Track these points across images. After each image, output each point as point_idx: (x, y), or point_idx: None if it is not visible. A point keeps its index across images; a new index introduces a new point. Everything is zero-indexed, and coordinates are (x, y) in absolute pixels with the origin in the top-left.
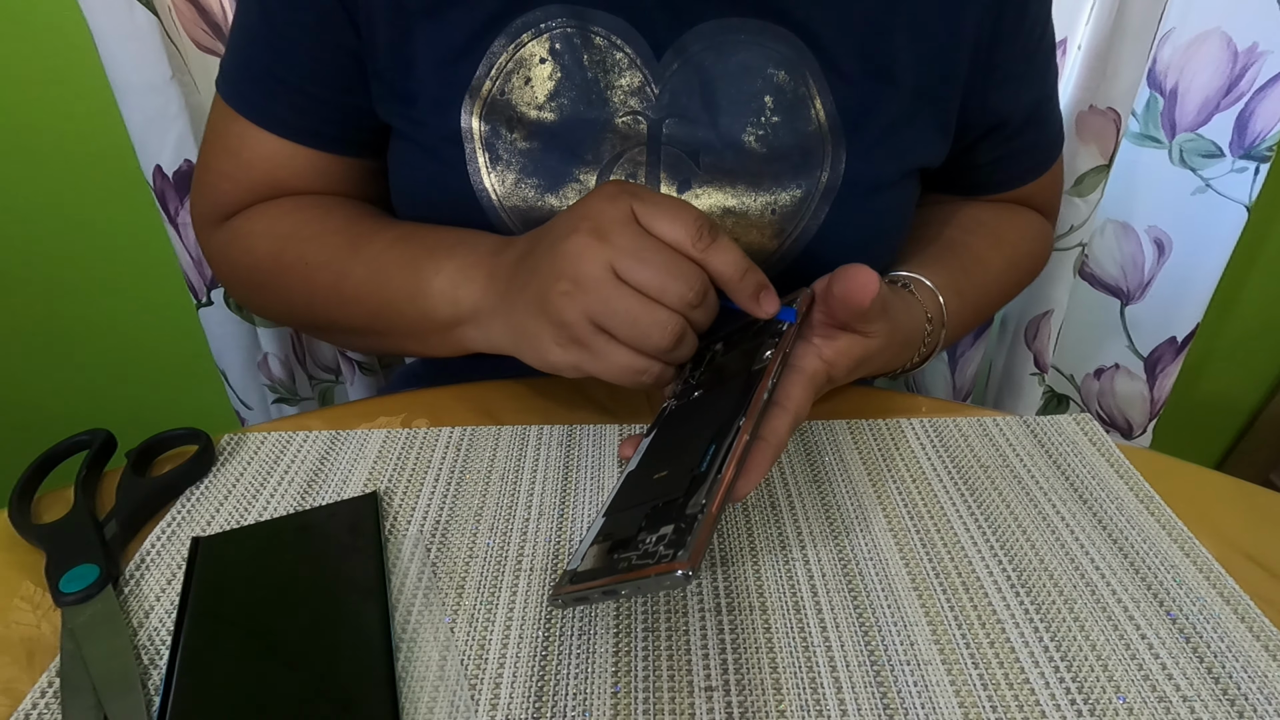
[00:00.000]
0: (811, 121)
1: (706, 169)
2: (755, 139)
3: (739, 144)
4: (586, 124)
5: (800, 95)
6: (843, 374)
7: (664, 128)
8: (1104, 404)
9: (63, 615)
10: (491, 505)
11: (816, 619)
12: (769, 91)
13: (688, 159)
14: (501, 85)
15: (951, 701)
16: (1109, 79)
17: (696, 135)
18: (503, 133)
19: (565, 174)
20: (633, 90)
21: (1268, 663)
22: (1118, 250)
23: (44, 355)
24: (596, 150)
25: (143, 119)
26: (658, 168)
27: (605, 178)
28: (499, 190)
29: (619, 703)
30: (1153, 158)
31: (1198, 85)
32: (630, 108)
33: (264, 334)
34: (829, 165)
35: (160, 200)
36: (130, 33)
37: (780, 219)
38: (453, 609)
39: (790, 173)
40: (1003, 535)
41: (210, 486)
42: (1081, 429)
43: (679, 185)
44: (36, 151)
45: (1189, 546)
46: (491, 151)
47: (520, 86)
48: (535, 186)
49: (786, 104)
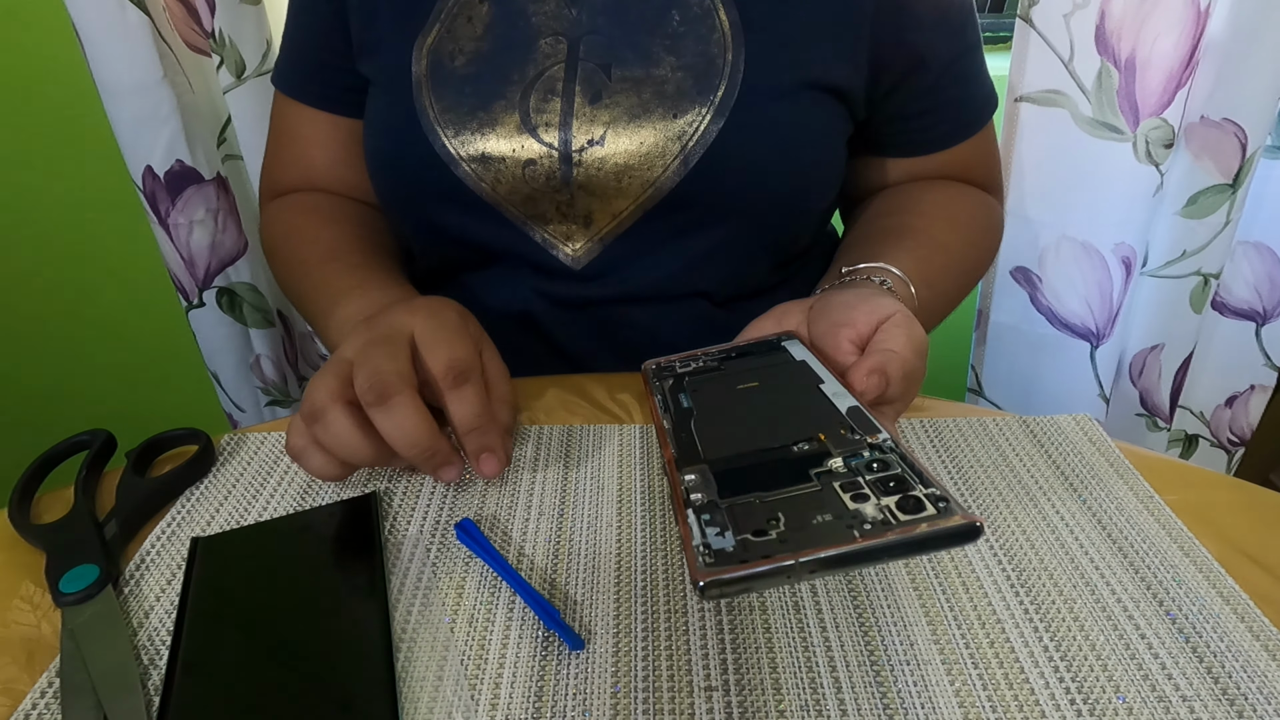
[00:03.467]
0: (715, 29)
1: (617, 80)
2: (663, 49)
3: (648, 55)
4: (514, 47)
5: (706, 7)
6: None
7: (581, 45)
8: (1235, 428)
9: (63, 615)
10: (491, 505)
11: (816, 619)
12: (675, 6)
13: (601, 73)
14: (449, 25)
15: (951, 701)
16: (1223, 87)
17: (610, 50)
18: (444, 63)
19: (494, 93)
20: (554, 14)
21: (1267, 663)
22: (1249, 272)
23: (44, 355)
24: (522, 70)
25: (132, 119)
26: (574, 82)
27: (529, 94)
28: (436, 109)
29: (619, 703)
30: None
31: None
32: (551, 29)
33: (256, 335)
34: (728, 73)
35: (150, 201)
36: (121, 33)
37: (682, 125)
38: (453, 609)
39: (693, 79)
40: (1002, 535)
41: (210, 487)
42: (1081, 429)
43: (591, 97)
44: (27, 153)
45: (1189, 546)
46: (434, 79)
47: (464, 25)
48: (469, 105)
49: (693, 15)
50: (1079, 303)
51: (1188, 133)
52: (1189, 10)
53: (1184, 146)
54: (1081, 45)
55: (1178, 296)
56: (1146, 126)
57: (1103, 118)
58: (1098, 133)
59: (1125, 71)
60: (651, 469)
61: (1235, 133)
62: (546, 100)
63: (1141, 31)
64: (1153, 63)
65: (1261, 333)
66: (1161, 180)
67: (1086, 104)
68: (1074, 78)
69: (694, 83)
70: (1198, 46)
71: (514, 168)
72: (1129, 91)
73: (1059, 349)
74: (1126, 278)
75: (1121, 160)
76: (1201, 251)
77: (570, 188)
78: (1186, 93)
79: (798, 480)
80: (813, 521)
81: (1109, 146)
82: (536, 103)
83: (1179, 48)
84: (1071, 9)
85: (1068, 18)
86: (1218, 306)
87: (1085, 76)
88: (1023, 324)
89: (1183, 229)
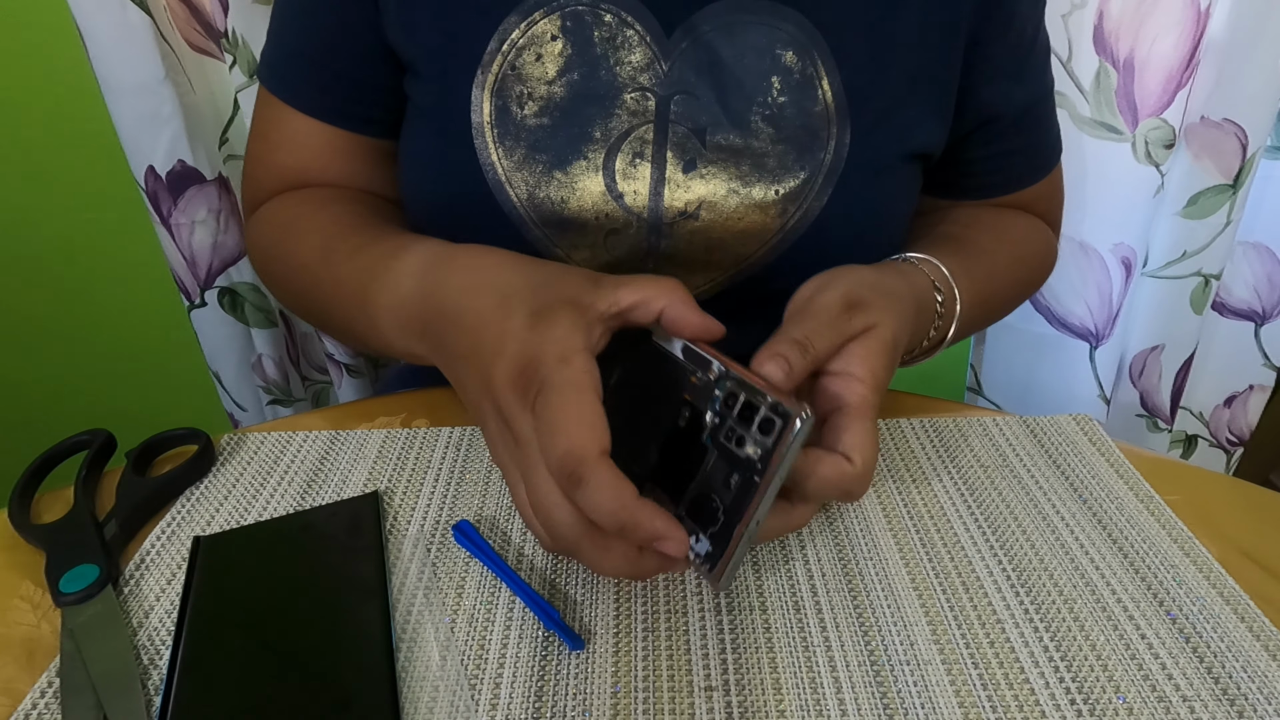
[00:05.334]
0: (818, 102)
1: (712, 149)
2: (762, 119)
3: (746, 124)
4: (595, 100)
5: (808, 76)
6: (885, 372)
7: (672, 105)
8: (1234, 428)
9: (63, 615)
10: (491, 505)
11: (816, 619)
12: (777, 72)
13: (694, 138)
14: (513, 60)
15: (951, 701)
16: (1223, 87)
17: (704, 114)
18: (512, 109)
19: (573, 151)
20: (641, 67)
21: (1268, 663)
22: (1249, 272)
23: (45, 355)
24: (605, 127)
25: (134, 119)
26: (664, 146)
27: (614, 155)
28: (505, 165)
29: (619, 703)
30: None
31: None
32: (639, 84)
33: (258, 335)
34: (833, 147)
35: (152, 201)
36: (123, 33)
37: (784, 200)
38: (453, 609)
39: (795, 153)
40: (1003, 535)
41: (210, 486)
42: (1081, 429)
43: (684, 165)
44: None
45: (1189, 546)
46: (500, 128)
47: (531, 63)
48: (543, 163)
49: (794, 84)
50: (1078, 303)
51: (1188, 133)
52: (1188, 11)
53: (1184, 147)
54: (1080, 45)
55: (1178, 297)
56: (1146, 127)
57: (1101, 118)
58: (1096, 133)
59: (1124, 72)
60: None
61: (1236, 133)
62: (634, 165)
63: (1140, 32)
64: (1151, 63)
65: (1260, 333)
66: (1162, 181)
67: (1085, 104)
68: (1072, 78)
69: (796, 158)
70: (1198, 47)
71: (595, 235)
72: (1127, 92)
73: (1058, 349)
74: (1126, 278)
75: (1120, 160)
76: (1202, 252)
77: (655, 257)
78: (1187, 93)
79: (701, 455)
80: (731, 486)
81: (1108, 147)
82: (623, 166)
83: (1178, 48)
84: (1070, 9)
85: (1065, 18)
86: (1217, 307)
87: (1084, 76)
88: (1021, 323)
89: (1183, 229)
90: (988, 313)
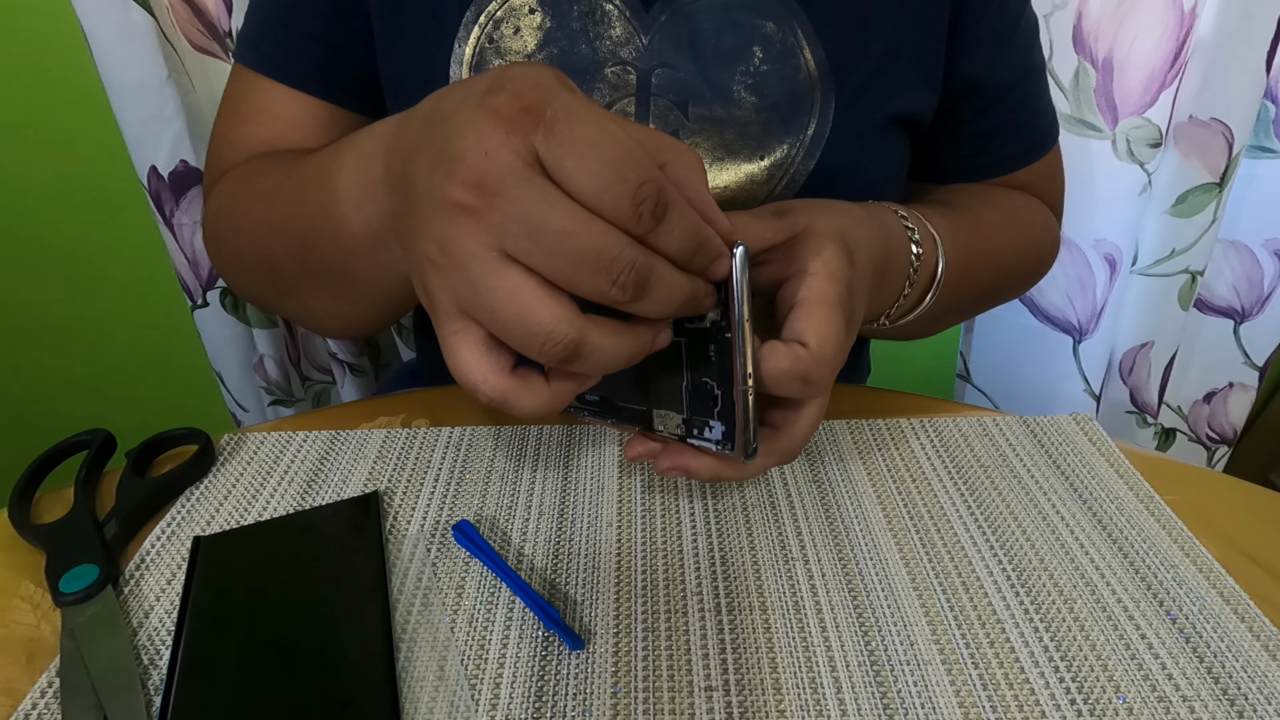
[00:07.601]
0: (801, 70)
1: (695, 120)
2: (745, 88)
3: (728, 94)
4: (575, 74)
5: (789, 45)
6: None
7: (653, 78)
8: (1214, 425)
9: (63, 615)
10: (491, 505)
11: (816, 619)
12: (757, 42)
13: (676, 109)
14: (490, 33)
15: (951, 701)
16: (1210, 87)
17: (685, 86)
18: None
19: None
20: (621, 41)
21: (1268, 663)
22: (1228, 270)
23: (47, 355)
24: None
25: (137, 120)
26: (646, 120)
27: None
28: None
29: (619, 703)
30: (1268, 169)
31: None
32: (619, 58)
33: (260, 335)
34: (817, 114)
35: (155, 201)
36: (126, 33)
37: (770, 167)
38: (453, 609)
39: (779, 121)
40: (1002, 535)
41: (210, 486)
42: (1081, 429)
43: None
44: (34, 152)
45: (1189, 546)
46: None
47: (510, 36)
48: None
49: (775, 53)
50: (1059, 296)
51: (1176, 132)
52: (1171, 12)
53: (1173, 146)
54: (1060, 45)
55: (1166, 294)
56: (1126, 125)
57: (1080, 115)
58: (1075, 129)
59: (1103, 71)
60: (651, 468)
61: (1222, 132)
62: None
63: (1119, 33)
64: (1131, 63)
65: (1240, 331)
66: (1149, 179)
67: (1064, 101)
68: (1052, 76)
69: (781, 124)
70: (1184, 48)
71: None
72: (1107, 91)
73: (1043, 341)
74: (1111, 275)
75: (1101, 158)
76: (1189, 250)
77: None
78: (1174, 93)
79: (679, 354)
80: (713, 357)
81: (1088, 144)
82: None
83: (1160, 49)
84: (1051, 9)
85: (1047, 18)
86: (1199, 304)
87: (1063, 75)
88: (1006, 313)
89: (1171, 228)
90: (980, 281)
